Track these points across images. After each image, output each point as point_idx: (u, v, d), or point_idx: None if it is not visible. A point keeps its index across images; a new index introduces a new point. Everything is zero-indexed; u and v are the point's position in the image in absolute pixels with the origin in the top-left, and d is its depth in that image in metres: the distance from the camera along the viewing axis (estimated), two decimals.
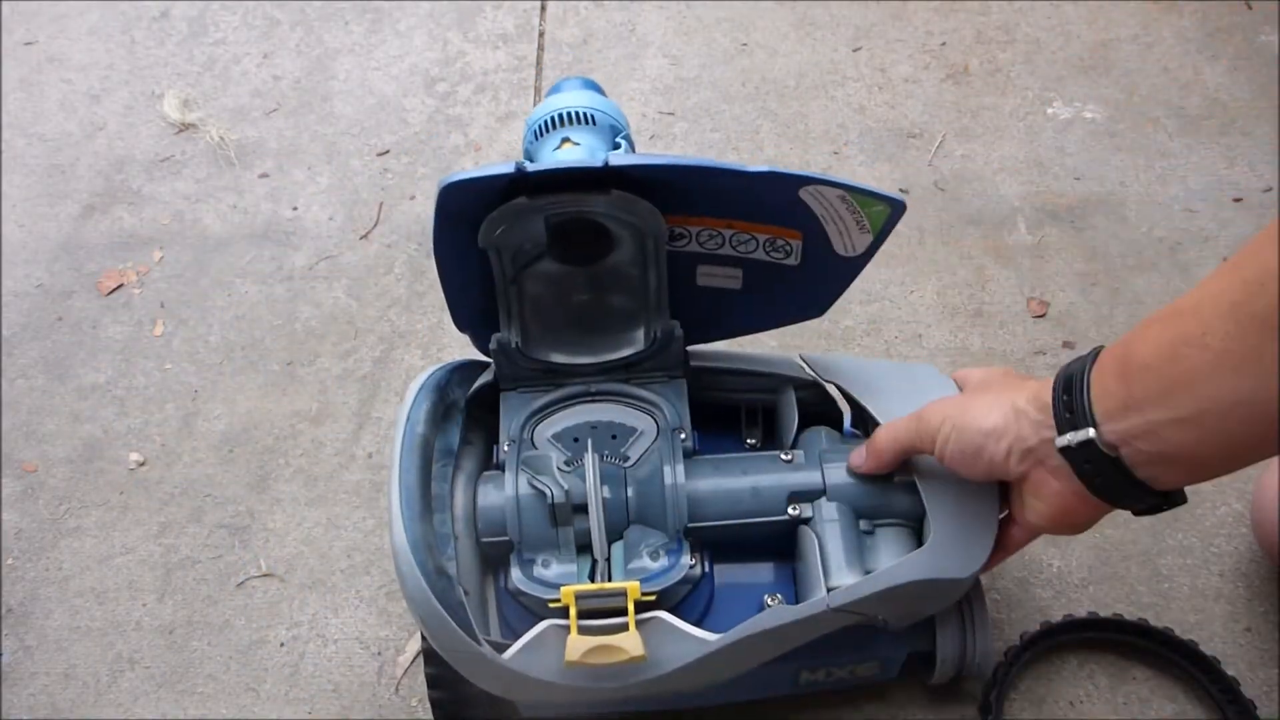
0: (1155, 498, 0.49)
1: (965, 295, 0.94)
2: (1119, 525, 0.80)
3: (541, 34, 1.18)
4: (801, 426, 0.66)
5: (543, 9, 1.20)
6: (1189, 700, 0.71)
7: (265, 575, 0.81)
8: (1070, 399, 0.48)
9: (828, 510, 0.60)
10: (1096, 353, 0.49)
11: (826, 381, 0.65)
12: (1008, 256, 0.96)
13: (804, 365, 0.66)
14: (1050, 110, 1.07)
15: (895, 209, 0.57)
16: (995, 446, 0.52)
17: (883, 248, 0.62)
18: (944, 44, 1.13)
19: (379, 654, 0.77)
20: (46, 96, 1.16)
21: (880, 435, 0.59)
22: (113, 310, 0.98)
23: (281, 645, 0.78)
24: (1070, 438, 0.48)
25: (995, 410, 0.52)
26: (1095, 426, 0.47)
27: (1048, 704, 0.71)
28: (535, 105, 0.84)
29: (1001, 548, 0.59)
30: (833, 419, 0.67)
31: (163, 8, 1.23)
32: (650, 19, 1.18)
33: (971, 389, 0.58)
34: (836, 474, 0.61)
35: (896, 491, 0.60)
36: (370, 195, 1.06)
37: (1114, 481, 0.48)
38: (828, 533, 0.59)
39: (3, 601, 0.81)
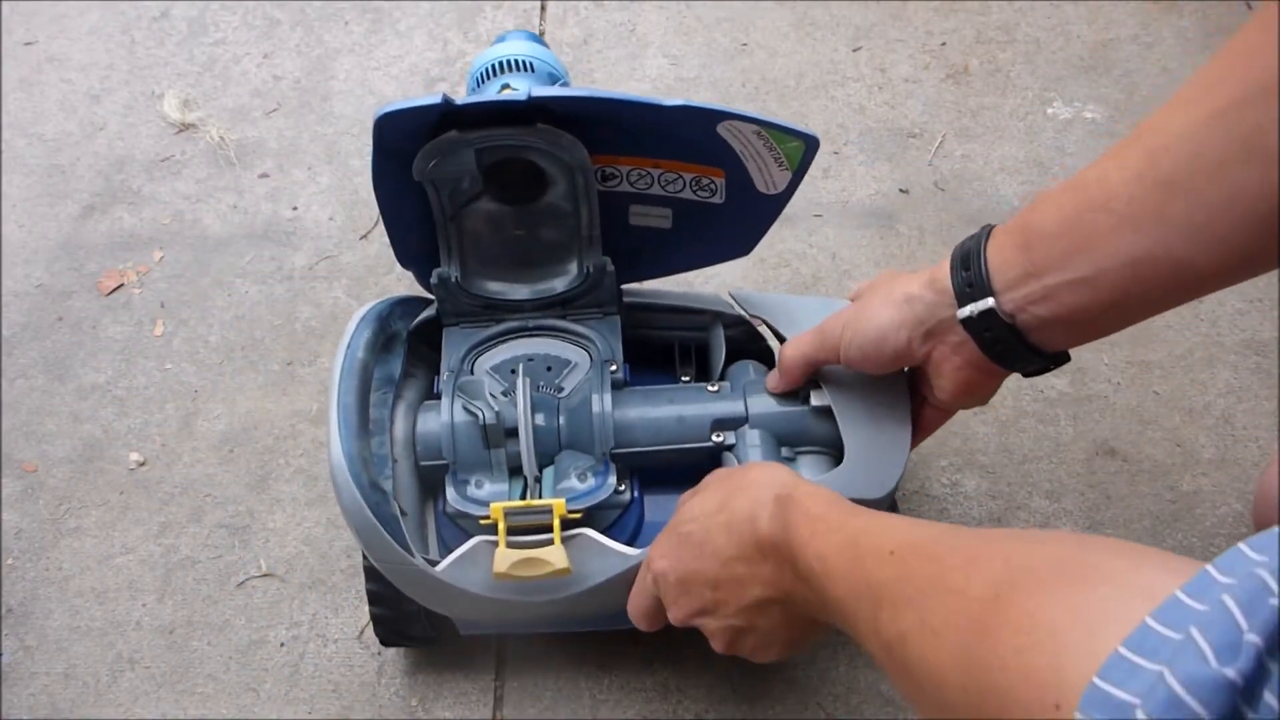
0: (1044, 360, 0.54)
1: None
2: (1119, 525, 0.80)
3: (541, 34, 1.18)
4: (730, 361, 0.69)
5: (543, 9, 1.20)
6: None
7: (265, 575, 0.81)
8: (969, 274, 0.53)
9: (750, 437, 0.63)
10: (989, 231, 0.53)
11: (752, 316, 0.69)
12: None
13: (732, 302, 0.70)
14: (1050, 110, 1.07)
15: (809, 145, 0.60)
16: (895, 337, 0.57)
17: (884, 248, 0.62)
18: (944, 44, 1.13)
19: (379, 654, 0.77)
20: (46, 96, 1.16)
21: (786, 352, 0.63)
22: (113, 310, 0.98)
23: (281, 645, 0.78)
24: (971, 309, 0.53)
25: (888, 306, 0.57)
26: (995, 296, 0.52)
27: None
28: None
29: (920, 429, 0.64)
30: (763, 355, 0.71)
31: (163, 8, 1.23)
32: (650, 19, 1.18)
33: (863, 295, 0.61)
34: (759, 404, 0.64)
35: (816, 419, 0.64)
36: (370, 195, 1.05)
37: (1011, 346, 0.53)
38: (750, 458, 0.63)
39: (3, 601, 0.81)
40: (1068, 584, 0.34)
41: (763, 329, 0.70)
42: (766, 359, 0.71)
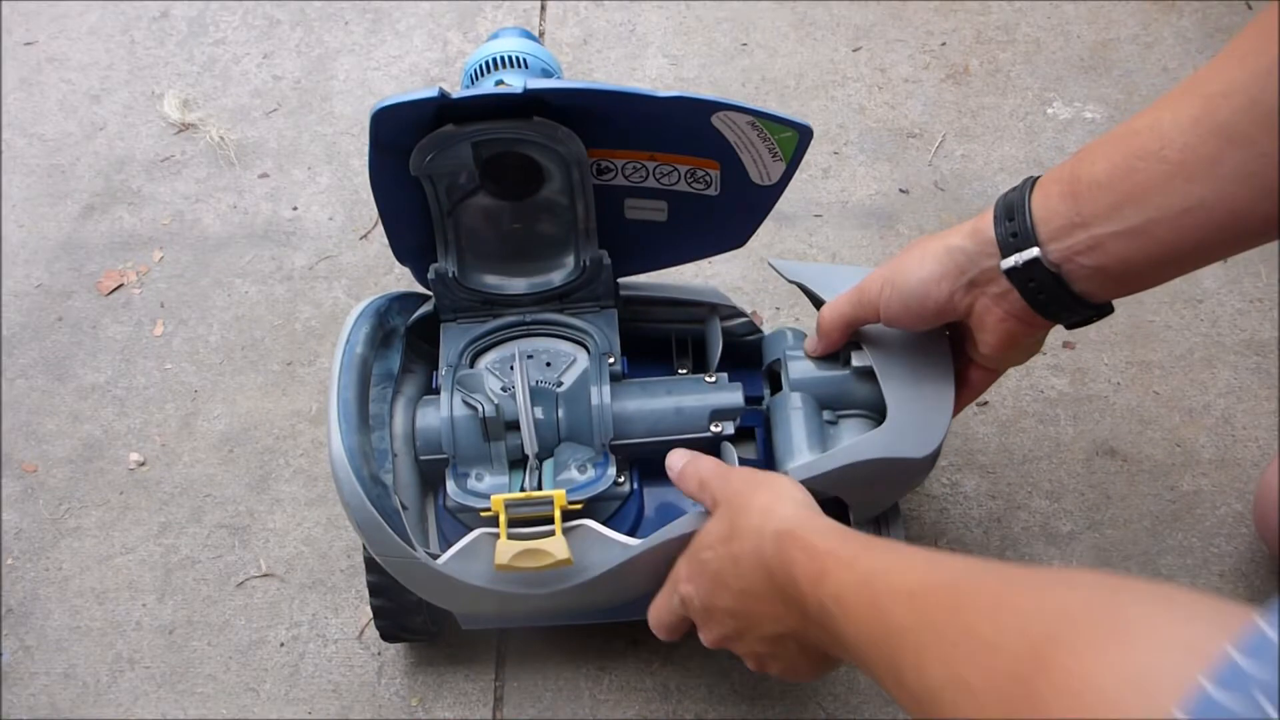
0: (1089, 310, 0.54)
1: None
2: (1119, 525, 0.80)
3: (541, 34, 1.18)
4: (728, 353, 0.69)
5: (543, 9, 1.20)
6: None
7: (265, 575, 0.81)
8: (1013, 224, 0.52)
9: (792, 400, 0.64)
10: (1032, 182, 0.53)
11: (791, 281, 0.69)
12: None
13: (774, 268, 0.70)
14: (1050, 110, 1.07)
15: (803, 134, 0.60)
16: (936, 290, 0.56)
17: (884, 249, 0.62)
18: (944, 44, 1.13)
19: (379, 654, 0.77)
20: (46, 96, 1.16)
21: (824, 314, 0.63)
22: (113, 310, 0.98)
23: (281, 645, 0.78)
24: (1016, 259, 0.52)
25: (928, 259, 0.56)
26: (1040, 246, 0.51)
27: None
28: None
29: (966, 389, 0.63)
30: (759, 347, 0.71)
31: (163, 8, 1.23)
32: (650, 19, 1.18)
33: (900, 254, 0.60)
34: (799, 368, 0.65)
35: (857, 381, 0.64)
36: (370, 195, 1.06)
37: (1055, 296, 0.53)
38: (792, 420, 0.63)
39: (3, 601, 0.81)
40: (1113, 641, 0.32)
41: (762, 317, 0.70)
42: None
